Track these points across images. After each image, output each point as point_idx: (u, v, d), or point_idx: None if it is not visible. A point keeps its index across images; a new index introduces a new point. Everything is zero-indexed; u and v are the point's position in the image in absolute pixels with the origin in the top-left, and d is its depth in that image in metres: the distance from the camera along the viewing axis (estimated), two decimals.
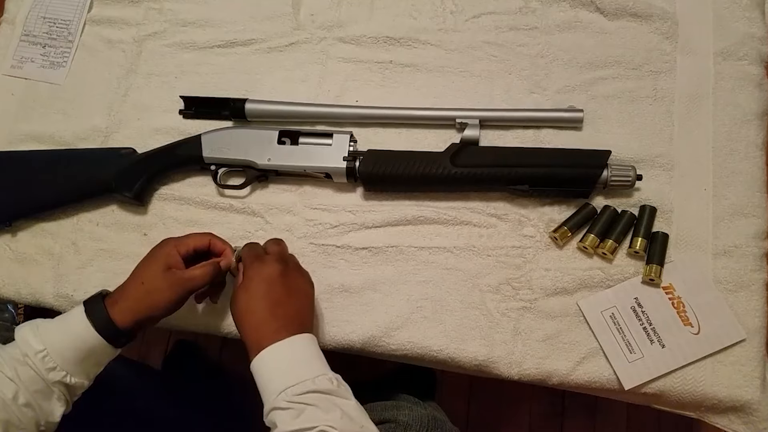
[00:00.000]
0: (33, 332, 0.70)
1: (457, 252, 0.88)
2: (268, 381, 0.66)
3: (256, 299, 0.71)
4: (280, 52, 1.00)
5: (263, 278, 0.72)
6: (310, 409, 0.62)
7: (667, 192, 0.87)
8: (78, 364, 0.71)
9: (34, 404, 0.68)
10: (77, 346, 0.71)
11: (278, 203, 0.92)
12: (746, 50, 0.92)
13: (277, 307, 0.71)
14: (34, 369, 0.68)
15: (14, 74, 1.03)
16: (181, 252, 0.77)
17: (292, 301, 0.73)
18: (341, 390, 0.66)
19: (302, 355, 0.69)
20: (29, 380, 0.68)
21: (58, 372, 0.70)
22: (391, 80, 0.97)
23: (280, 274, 0.73)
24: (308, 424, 0.61)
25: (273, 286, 0.72)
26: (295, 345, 0.69)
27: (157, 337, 1.65)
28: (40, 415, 0.69)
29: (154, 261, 0.76)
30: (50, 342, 0.70)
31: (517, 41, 0.96)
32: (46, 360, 0.69)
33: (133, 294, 0.74)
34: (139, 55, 1.02)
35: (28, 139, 0.99)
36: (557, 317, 0.84)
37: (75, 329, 0.71)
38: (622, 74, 0.93)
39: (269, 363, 0.67)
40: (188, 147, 0.92)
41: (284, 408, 0.63)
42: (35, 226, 0.94)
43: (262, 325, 0.69)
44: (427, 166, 0.86)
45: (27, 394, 0.68)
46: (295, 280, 0.75)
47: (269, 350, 0.67)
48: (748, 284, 0.83)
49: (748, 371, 0.80)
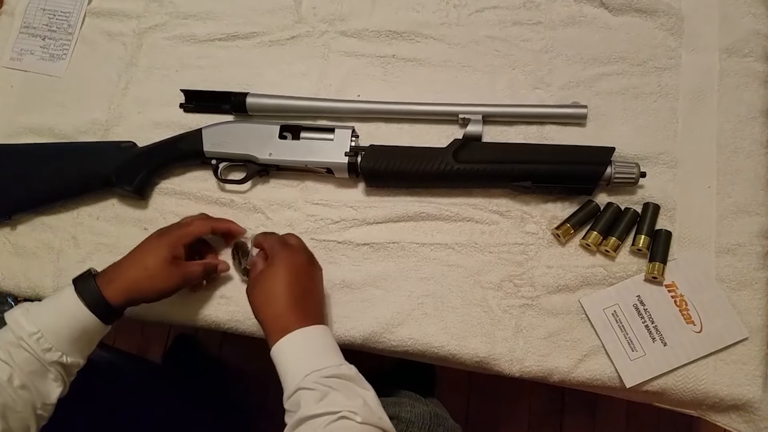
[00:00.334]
0: (24, 315, 0.70)
1: (459, 248, 0.87)
2: (295, 362, 0.68)
3: (284, 285, 0.72)
4: (281, 45, 0.99)
5: (292, 266, 0.74)
6: (334, 394, 0.64)
7: (670, 189, 0.87)
8: (72, 344, 0.72)
9: (30, 386, 0.69)
10: (71, 326, 0.71)
11: (279, 198, 0.92)
12: (752, 47, 0.91)
13: (305, 295, 0.73)
14: (30, 351, 0.69)
15: (13, 66, 1.03)
16: (186, 243, 0.79)
17: (315, 292, 0.76)
18: (362, 380, 0.68)
19: (327, 344, 0.70)
20: (24, 362, 0.69)
21: (54, 352, 0.70)
22: (393, 75, 0.96)
23: (307, 264, 0.76)
24: (331, 408, 0.62)
25: (301, 274, 0.74)
26: (320, 333, 0.70)
27: (157, 331, 1.65)
28: (36, 397, 0.69)
29: (160, 249, 0.77)
30: (43, 323, 0.70)
31: (520, 36, 0.95)
32: (41, 341, 0.69)
33: (132, 277, 0.75)
34: (140, 48, 1.01)
35: (28, 132, 0.98)
36: (559, 315, 0.84)
37: (66, 308, 0.72)
38: (627, 70, 0.92)
39: (298, 345, 0.69)
40: (189, 141, 0.91)
41: (311, 389, 0.64)
42: (35, 220, 0.94)
43: (290, 310, 0.71)
44: (430, 162, 0.85)
45: (22, 376, 0.68)
46: (316, 271, 0.78)
47: (299, 333, 0.69)
48: (751, 283, 0.83)
49: (750, 370, 0.80)
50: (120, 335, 1.64)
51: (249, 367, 1.59)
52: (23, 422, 0.68)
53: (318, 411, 0.62)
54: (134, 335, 1.65)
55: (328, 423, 0.61)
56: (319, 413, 0.62)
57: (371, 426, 0.63)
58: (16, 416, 0.67)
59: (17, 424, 0.68)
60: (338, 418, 0.62)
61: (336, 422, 0.61)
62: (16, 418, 0.67)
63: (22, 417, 0.68)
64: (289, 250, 0.76)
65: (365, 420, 0.62)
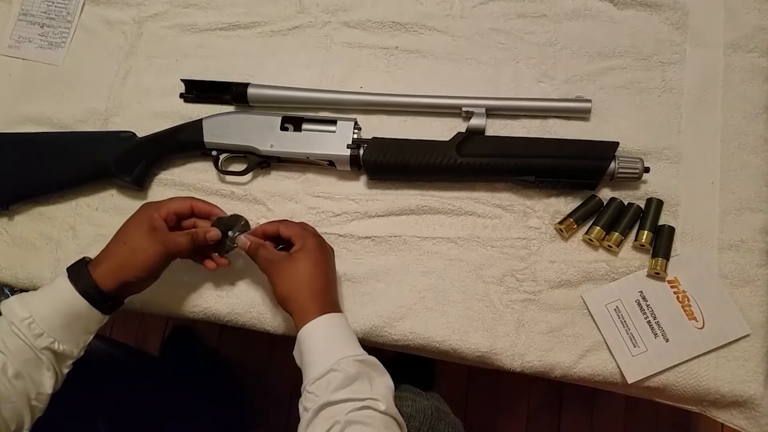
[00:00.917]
0: (18, 302, 0.70)
1: (461, 243, 0.87)
2: (328, 345, 0.69)
3: (318, 269, 0.74)
4: (283, 35, 0.98)
5: (325, 253, 0.76)
6: (361, 381, 0.65)
7: (674, 185, 0.86)
8: (65, 330, 0.71)
9: (24, 374, 0.68)
10: (62, 311, 0.71)
11: (280, 190, 0.91)
12: (757, 42, 0.91)
13: (331, 282, 0.76)
14: (21, 337, 0.68)
15: (11, 54, 1.01)
16: (162, 215, 0.78)
17: (335, 282, 0.79)
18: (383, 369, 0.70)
19: (352, 333, 0.73)
20: (17, 350, 0.68)
21: (45, 338, 0.69)
22: (396, 67, 0.95)
23: (332, 254, 0.79)
24: (358, 395, 0.63)
25: (331, 262, 0.78)
26: (346, 321, 0.73)
27: (155, 323, 1.65)
28: (30, 386, 0.69)
29: (137, 223, 0.77)
30: (35, 309, 0.69)
31: (525, 29, 0.94)
32: (32, 327, 0.69)
33: (116, 254, 0.74)
34: (140, 37, 1.00)
35: (26, 120, 0.97)
36: (561, 310, 0.83)
37: (59, 295, 0.71)
38: (631, 65, 0.92)
39: (331, 329, 0.71)
40: (189, 132, 0.90)
41: (341, 371, 0.65)
42: (33, 210, 0.93)
43: (323, 293, 0.73)
44: (433, 155, 0.85)
45: (16, 364, 0.67)
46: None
47: (329, 319, 0.71)
48: (754, 279, 0.82)
49: (752, 366, 0.80)
50: (117, 327, 1.64)
51: (246, 360, 1.59)
52: (17, 412, 0.68)
53: (344, 396, 0.63)
54: (132, 327, 1.65)
55: (353, 410, 0.62)
56: (344, 399, 0.63)
57: (390, 417, 0.64)
58: (10, 406, 0.67)
59: (11, 414, 0.67)
60: (363, 407, 0.63)
61: (360, 411, 0.62)
62: (11, 408, 0.67)
63: (16, 407, 0.67)
64: (320, 237, 0.78)
65: (387, 410, 0.63)
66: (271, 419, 1.54)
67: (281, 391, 1.55)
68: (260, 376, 1.57)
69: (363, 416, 0.62)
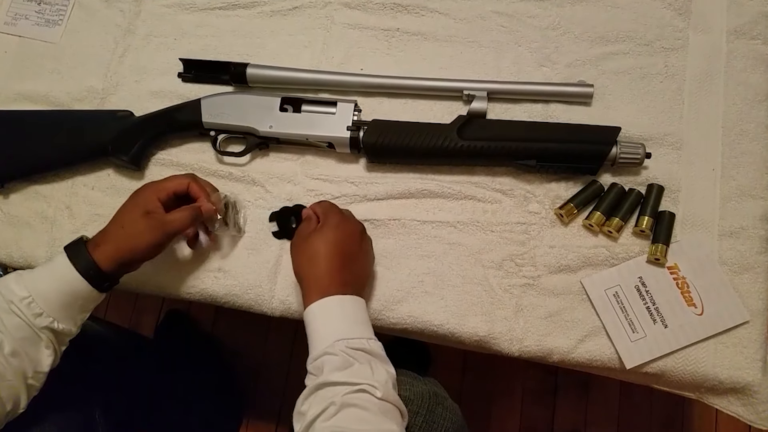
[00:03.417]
0: (16, 280, 0.70)
1: (461, 227, 0.86)
2: (325, 327, 0.69)
3: (332, 247, 0.73)
4: (283, 16, 0.97)
5: (344, 231, 0.75)
6: (358, 366, 0.65)
7: (675, 171, 0.86)
8: (64, 309, 0.71)
9: (21, 352, 0.68)
10: (62, 290, 0.70)
11: (279, 172, 0.90)
12: (760, 29, 0.90)
13: (350, 262, 0.74)
14: (21, 316, 0.68)
15: (7, 31, 1.00)
16: (161, 197, 0.78)
17: (361, 262, 0.77)
18: (386, 359, 0.69)
19: (360, 316, 0.72)
20: (15, 327, 0.68)
21: (45, 317, 0.69)
22: (397, 49, 0.94)
23: (360, 233, 0.78)
24: (354, 379, 0.63)
25: (351, 241, 0.76)
26: (355, 304, 0.72)
27: (149, 306, 1.64)
28: (27, 364, 0.68)
29: (134, 206, 0.77)
30: (34, 288, 0.69)
31: (527, 12, 0.93)
32: (32, 306, 0.68)
33: (114, 237, 0.74)
34: (138, 15, 0.99)
35: (21, 98, 0.96)
36: (560, 295, 0.83)
37: (59, 274, 0.71)
38: (634, 50, 0.91)
39: (332, 310, 0.70)
40: (187, 111, 0.89)
41: (335, 355, 0.65)
42: (29, 189, 0.92)
43: (333, 273, 0.72)
44: (434, 138, 0.84)
45: (13, 342, 0.67)
46: (368, 247, 0.80)
47: (333, 299, 0.70)
48: (753, 266, 0.82)
49: (750, 353, 0.80)
50: (111, 310, 1.63)
51: (241, 345, 1.58)
52: (13, 391, 0.67)
53: (340, 379, 0.63)
54: (126, 310, 1.64)
55: (349, 392, 0.62)
56: (341, 381, 0.63)
57: (389, 403, 0.64)
58: (6, 384, 0.66)
59: (7, 393, 0.67)
60: (358, 390, 0.62)
61: (356, 393, 0.62)
62: (6, 386, 0.66)
63: (12, 386, 0.67)
64: (343, 216, 0.78)
65: (384, 396, 0.63)
66: (265, 404, 1.54)
67: (275, 376, 1.55)
68: (254, 361, 1.57)
69: (359, 399, 0.62)
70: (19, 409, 0.69)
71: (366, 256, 0.79)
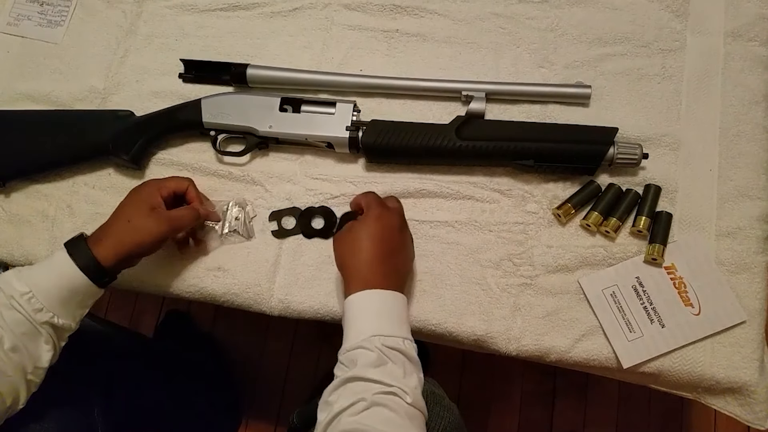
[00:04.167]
0: (17, 276, 0.70)
1: (459, 226, 0.87)
2: (363, 320, 0.69)
3: (373, 239, 0.73)
4: (283, 17, 0.98)
5: (385, 224, 0.75)
6: (392, 366, 0.65)
7: (672, 172, 0.87)
8: (64, 305, 0.71)
9: (21, 347, 0.68)
10: (62, 286, 0.71)
11: (278, 172, 0.91)
12: (757, 31, 0.91)
13: (390, 255, 0.74)
14: (21, 311, 0.68)
15: (10, 32, 1.01)
16: (162, 194, 0.80)
17: (402, 255, 0.77)
18: (418, 362, 0.69)
19: (399, 313, 0.71)
20: (15, 323, 0.68)
21: (45, 313, 0.69)
22: (396, 50, 0.95)
23: (400, 226, 0.77)
24: (387, 379, 0.63)
25: (392, 234, 0.75)
26: (396, 300, 0.72)
27: (149, 305, 1.64)
28: (27, 359, 0.68)
29: (139, 200, 0.78)
30: (35, 284, 0.69)
31: (526, 14, 0.94)
32: (32, 301, 0.69)
33: (118, 231, 0.75)
34: (139, 16, 0.99)
35: (24, 98, 0.97)
36: (557, 294, 0.83)
37: (59, 270, 0.71)
38: (632, 51, 0.92)
39: (370, 304, 0.70)
40: (188, 111, 0.90)
41: (370, 350, 0.65)
42: (30, 188, 0.93)
43: (373, 264, 0.72)
44: (432, 138, 0.84)
45: (13, 338, 0.67)
46: (408, 238, 0.80)
47: (374, 293, 0.70)
48: (750, 266, 0.83)
49: (748, 353, 0.80)
50: (112, 308, 1.64)
51: (240, 345, 1.59)
52: (13, 386, 0.67)
53: (373, 377, 0.63)
54: (126, 310, 1.64)
55: (380, 392, 0.62)
56: (373, 379, 0.63)
57: (417, 410, 0.64)
58: (6, 380, 0.67)
59: (7, 389, 0.67)
60: (390, 392, 0.62)
61: (387, 395, 0.62)
62: (6, 382, 0.67)
63: (11, 381, 0.67)
64: (384, 208, 0.77)
65: (414, 402, 0.63)
66: (264, 404, 1.55)
67: (275, 375, 1.55)
68: (254, 360, 1.57)
69: (389, 401, 0.62)
70: (19, 405, 0.69)
71: (406, 250, 0.79)
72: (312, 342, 1.57)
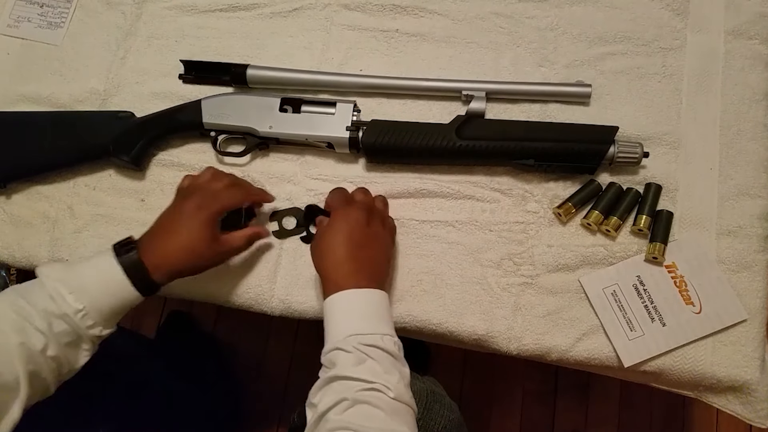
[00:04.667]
0: (66, 286, 0.68)
1: (459, 226, 0.87)
2: (338, 322, 0.69)
3: (338, 239, 0.73)
4: (283, 17, 0.98)
5: (348, 221, 0.75)
6: (371, 363, 0.64)
7: (673, 170, 0.86)
8: (113, 318, 0.72)
9: (62, 356, 0.67)
10: (116, 305, 0.70)
11: (279, 172, 0.91)
12: (758, 29, 0.91)
13: (359, 250, 0.73)
14: (73, 326, 0.67)
15: (10, 34, 1.01)
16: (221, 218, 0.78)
17: (373, 248, 0.76)
18: (401, 357, 0.68)
19: (376, 310, 0.71)
20: (62, 334, 0.67)
21: (95, 328, 0.69)
22: (396, 50, 0.95)
23: (364, 220, 0.76)
24: (367, 376, 0.63)
25: (356, 229, 0.75)
26: (371, 297, 0.71)
27: (151, 306, 1.65)
28: (64, 365, 0.68)
29: (203, 229, 0.74)
30: (89, 301, 0.68)
31: (525, 13, 0.94)
32: (85, 318, 0.68)
33: (180, 260, 0.73)
34: (139, 18, 0.99)
35: (24, 100, 0.97)
36: (558, 293, 0.83)
37: (115, 289, 0.70)
38: (632, 50, 0.92)
39: (343, 305, 0.70)
40: (188, 112, 0.90)
41: (347, 351, 0.65)
42: (30, 189, 0.93)
43: (342, 264, 0.72)
44: (432, 138, 0.84)
45: (57, 348, 0.67)
46: (378, 229, 0.78)
47: (346, 294, 0.70)
48: (751, 265, 0.83)
49: (749, 351, 0.80)
50: None
51: (242, 346, 1.59)
52: (44, 384, 0.67)
53: (354, 375, 0.63)
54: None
55: (361, 389, 0.62)
56: (354, 377, 0.63)
57: (402, 404, 0.63)
58: (41, 381, 0.66)
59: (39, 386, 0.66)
60: (371, 389, 0.62)
61: (369, 392, 0.62)
62: (40, 383, 0.66)
63: (45, 383, 0.67)
64: (347, 206, 0.78)
65: (397, 397, 0.63)
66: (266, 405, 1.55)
67: (276, 377, 1.55)
68: (255, 362, 1.57)
69: (372, 397, 0.62)
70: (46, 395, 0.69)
71: (377, 242, 0.77)
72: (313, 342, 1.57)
